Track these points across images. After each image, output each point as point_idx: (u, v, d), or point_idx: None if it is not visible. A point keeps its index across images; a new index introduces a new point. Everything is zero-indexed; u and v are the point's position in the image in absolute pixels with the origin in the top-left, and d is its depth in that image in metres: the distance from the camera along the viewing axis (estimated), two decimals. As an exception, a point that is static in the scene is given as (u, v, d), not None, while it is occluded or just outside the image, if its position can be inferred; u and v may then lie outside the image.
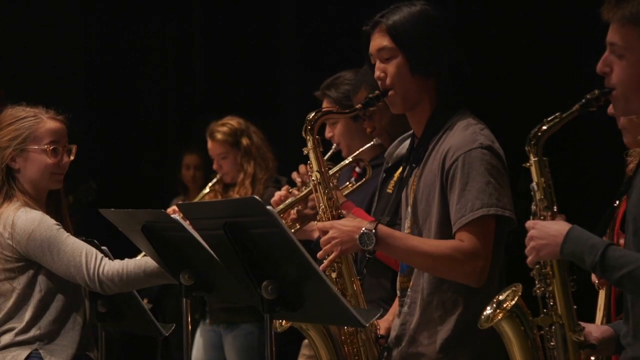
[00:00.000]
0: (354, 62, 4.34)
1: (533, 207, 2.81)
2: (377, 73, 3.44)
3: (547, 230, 2.71)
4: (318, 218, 3.52)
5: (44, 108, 3.86)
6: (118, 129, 8.53)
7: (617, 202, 3.03)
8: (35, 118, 3.81)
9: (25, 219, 3.69)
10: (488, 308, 2.85)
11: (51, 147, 3.79)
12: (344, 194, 4.01)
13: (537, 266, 2.80)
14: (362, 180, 4.04)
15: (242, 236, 2.97)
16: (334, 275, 3.54)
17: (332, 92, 4.39)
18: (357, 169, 4.34)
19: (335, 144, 4.36)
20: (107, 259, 3.67)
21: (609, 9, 2.68)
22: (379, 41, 3.42)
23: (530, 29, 6.01)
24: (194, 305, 6.01)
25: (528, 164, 2.82)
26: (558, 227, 2.70)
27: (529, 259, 2.76)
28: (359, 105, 3.52)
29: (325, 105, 4.40)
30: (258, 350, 5.91)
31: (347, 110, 3.66)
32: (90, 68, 8.68)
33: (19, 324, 3.72)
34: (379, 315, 3.22)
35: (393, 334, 3.46)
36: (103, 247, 3.77)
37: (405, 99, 3.42)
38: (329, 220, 3.43)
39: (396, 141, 3.97)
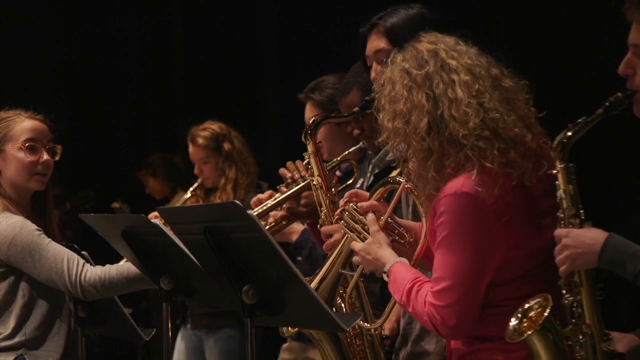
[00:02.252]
0: (338, 67, 4.34)
1: (560, 215, 2.69)
2: (373, 75, 3.43)
3: (582, 239, 2.61)
4: (320, 221, 3.51)
5: (23, 109, 3.85)
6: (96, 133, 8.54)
7: None
8: (12, 119, 3.80)
9: (6, 225, 3.68)
10: (513, 319, 2.69)
11: (27, 145, 3.77)
12: None
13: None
14: (347, 183, 4.03)
15: (222, 241, 2.96)
16: (340, 290, 3.53)
17: (316, 95, 4.38)
18: (338, 172, 4.33)
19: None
20: (88, 265, 3.66)
21: (632, 9, 2.58)
22: (376, 43, 3.43)
23: (548, 30, 5.95)
24: (176, 310, 6.02)
25: (555, 171, 2.71)
26: (594, 236, 2.60)
27: (563, 268, 2.64)
28: (356, 108, 3.50)
29: (309, 108, 4.38)
30: (239, 354, 5.91)
31: (346, 114, 3.63)
32: (69, 71, 8.67)
33: (4, 330, 3.71)
34: (359, 319, 3.21)
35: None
36: (83, 252, 3.75)
37: None
38: (331, 223, 3.43)
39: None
